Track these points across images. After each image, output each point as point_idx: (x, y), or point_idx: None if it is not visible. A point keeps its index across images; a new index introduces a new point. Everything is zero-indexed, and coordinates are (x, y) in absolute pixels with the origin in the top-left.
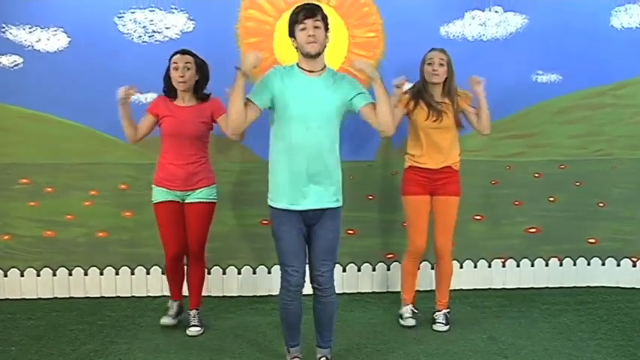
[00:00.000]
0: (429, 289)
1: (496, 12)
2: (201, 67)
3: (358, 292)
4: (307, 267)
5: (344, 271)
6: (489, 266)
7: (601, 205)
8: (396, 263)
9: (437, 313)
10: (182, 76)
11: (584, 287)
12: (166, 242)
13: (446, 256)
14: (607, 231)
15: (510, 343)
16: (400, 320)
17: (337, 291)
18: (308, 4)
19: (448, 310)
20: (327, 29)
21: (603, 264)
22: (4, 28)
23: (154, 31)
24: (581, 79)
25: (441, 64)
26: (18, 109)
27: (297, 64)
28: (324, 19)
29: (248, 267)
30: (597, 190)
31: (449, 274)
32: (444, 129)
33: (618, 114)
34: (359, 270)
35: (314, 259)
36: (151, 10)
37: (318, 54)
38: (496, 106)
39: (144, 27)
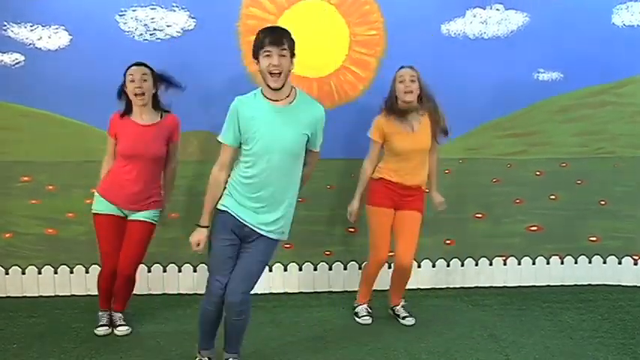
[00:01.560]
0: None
1: (497, 10)
2: (159, 79)
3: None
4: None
5: (345, 269)
6: (490, 264)
7: (602, 203)
8: None
9: (398, 308)
10: (140, 88)
11: (585, 285)
12: (105, 256)
13: (409, 269)
14: (608, 229)
15: (511, 342)
16: (356, 318)
17: (338, 289)
18: (275, 29)
19: (403, 300)
20: (292, 56)
21: (604, 262)
22: (5, 26)
23: (155, 29)
24: (583, 77)
25: (412, 81)
26: (19, 107)
27: (262, 91)
28: (291, 46)
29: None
30: (598, 189)
31: (408, 280)
32: (421, 151)
33: (619, 112)
34: (360, 268)
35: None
36: (152, 8)
37: (282, 87)
38: (497, 105)
39: (145, 25)
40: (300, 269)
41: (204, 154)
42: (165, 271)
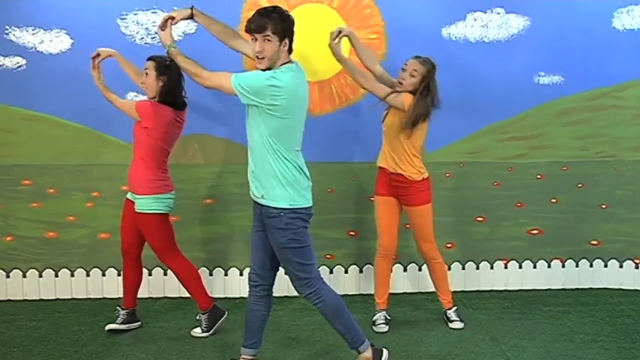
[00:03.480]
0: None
1: (498, 14)
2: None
3: (360, 294)
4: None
5: (346, 272)
6: (491, 268)
7: (603, 206)
8: (399, 265)
9: (448, 312)
10: (143, 83)
11: (586, 289)
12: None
13: (433, 258)
14: (609, 233)
15: (512, 345)
16: (373, 327)
17: (339, 292)
18: (261, 14)
19: (456, 307)
20: (284, 37)
21: (606, 266)
22: (7, 29)
23: (156, 33)
24: (583, 80)
25: (412, 75)
26: (20, 110)
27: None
28: (279, 29)
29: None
30: (599, 192)
31: (441, 272)
32: (391, 129)
33: (620, 115)
34: (361, 272)
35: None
36: (153, 12)
37: (269, 68)
38: (498, 108)
39: (146, 28)
40: None
41: (204, 157)
42: (166, 274)
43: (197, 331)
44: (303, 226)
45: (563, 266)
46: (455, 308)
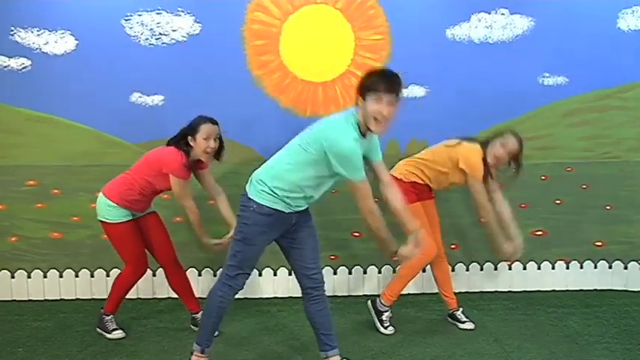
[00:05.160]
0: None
1: (502, 14)
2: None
3: (364, 295)
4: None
5: (350, 273)
6: (495, 269)
7: (608, 207)
8: None
9: (457, 313)
10: (213, 149)
11: (591, 290)
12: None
13: (440, 256)
14: (614, 234)
15: (516, 346)
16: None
17: (344, 294)
18: (392, 75)
19: (462, 308)
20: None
21: (610, 267)
22: (12, 31)
23: (160, 34)
24: (588, 81)
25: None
26: (26, 111)
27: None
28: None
29: (254, 270)
30: (604, 193)
31: (445, 272)
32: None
33: (625, 116)
34: (365, 272)
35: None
36: (157, 13)
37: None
38: (502, 109)
39: (151, 29)
40: None
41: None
42: None
43: None
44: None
45: (568, 267)
46: (461, 309)
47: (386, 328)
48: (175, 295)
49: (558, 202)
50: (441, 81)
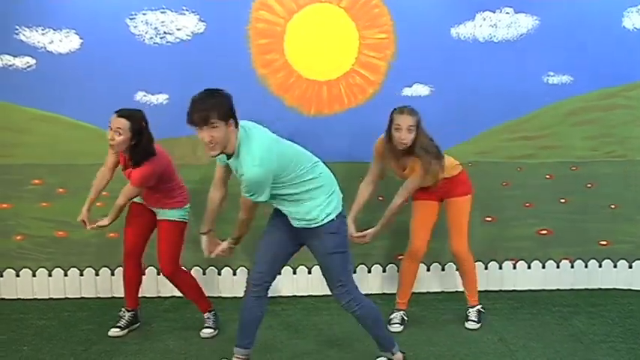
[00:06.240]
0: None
1: (507, 13)
2: (138, 133)
3: (369, 294)
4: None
5: (354, 272)
6: (500, 268)
7: (613, 207)
8: None
9: (469, 310)
10: (112, 140)
11: (595, 289)
12: (124, 236)
13: (463, 258)
14: (619, 233)
15: (521, 345)
16: (388, 325)
17: None
18: (199, 104)
19: (481, 306)
20: (229, 118)
21: (615, 266)
22: (17, 30)
23: (165, 33)
24: (593, 80)
25: (409, 131)
26: (30, 110)
27: None
28: (224, 113)
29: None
30: (609, 192)
31: (471, 274)
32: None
33: (630, 115)
34: (369, 271)
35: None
36: (162, 12)
37: (221, 153)
38: (507, 108)
39: (155, 28)
40: (310, 272)
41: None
42: None
43: (207, 332)
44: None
45: (572, 266)
46: (478, 307)
47: (392, 325)
48: (180, 294)
49: (563, 201)
50: (445, 80)
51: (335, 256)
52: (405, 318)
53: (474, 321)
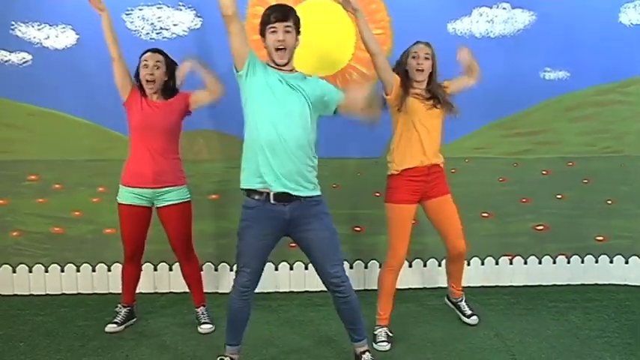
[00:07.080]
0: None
1: (504, 9)
2: (171, 67)
3: (365, 290)
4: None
5: (351, 268)
6: (497, 264)
7: (609, 202)
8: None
9: (462, 304)
10: (151, 75)
11: (592, 285)
12: (125, 241)
13: (464, 253)
14: (615, 228)
15: (518, 341)
16: (373, 343)
17: None
18: (281, 5)
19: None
20: (298, 32)
21: (611, 262)
22: (13, 25)
23: (161, 28)
24: (590, 76)
25: (427, 58)
26: (26, 106)
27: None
28: (296, 23)
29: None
30: (605, 188)
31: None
32: (437, 117)
33: (627, 111)
34: (366, 267)
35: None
36: (158, 7)
37: (286, 64)
38: (503, 104)
39: (151, 24)
40: (307, 268)
41: (210, 153)
42: (171, 269)
43: (206, 327)
44: None
45: (569, 262)
46: (464, 299)
47: (378, 343)
48: (177, 290)
49: (559, 196)
50: (441, 75)
51: (334, 233)
52: (390, 334)
53: (473, 314)
